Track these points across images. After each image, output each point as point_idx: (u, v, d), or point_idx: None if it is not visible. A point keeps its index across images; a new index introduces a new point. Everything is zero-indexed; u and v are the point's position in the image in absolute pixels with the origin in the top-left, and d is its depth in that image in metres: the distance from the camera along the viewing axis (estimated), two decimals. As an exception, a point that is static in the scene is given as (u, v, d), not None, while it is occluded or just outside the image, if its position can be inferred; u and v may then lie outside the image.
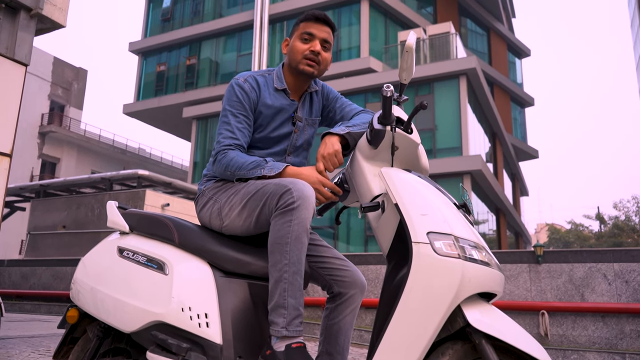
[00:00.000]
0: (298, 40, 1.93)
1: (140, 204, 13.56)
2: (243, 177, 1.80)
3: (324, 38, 1.93)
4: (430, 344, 1.42)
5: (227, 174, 1.82)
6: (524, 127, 27.15)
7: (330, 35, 1.95)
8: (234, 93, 1.89)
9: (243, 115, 1.87)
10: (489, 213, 19.03)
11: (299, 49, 1.92)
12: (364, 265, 8.31)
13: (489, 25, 24.75)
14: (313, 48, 1.90)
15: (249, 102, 1.88)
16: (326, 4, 18.81)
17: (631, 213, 31.62)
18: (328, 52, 1.95)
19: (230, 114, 1.87)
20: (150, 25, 23.73)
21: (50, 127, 27.85)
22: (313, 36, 1.92)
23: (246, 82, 1.91)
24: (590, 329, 6.81)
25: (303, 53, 1.91)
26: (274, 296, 1.62)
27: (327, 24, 1.94)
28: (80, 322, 1.94)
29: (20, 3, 5.85)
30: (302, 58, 1.91)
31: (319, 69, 1.93)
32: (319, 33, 1.92)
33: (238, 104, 1.87)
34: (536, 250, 7.35)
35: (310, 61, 1.90)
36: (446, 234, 1.47)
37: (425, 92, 16.00)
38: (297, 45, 1.93)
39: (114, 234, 1.97)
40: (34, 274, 11.91)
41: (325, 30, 1.93)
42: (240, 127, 1.86)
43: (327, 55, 1.95)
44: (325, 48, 1.94)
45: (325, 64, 1.96)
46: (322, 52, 1.92)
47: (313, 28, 1.92)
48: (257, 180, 1.80)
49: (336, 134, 1.80)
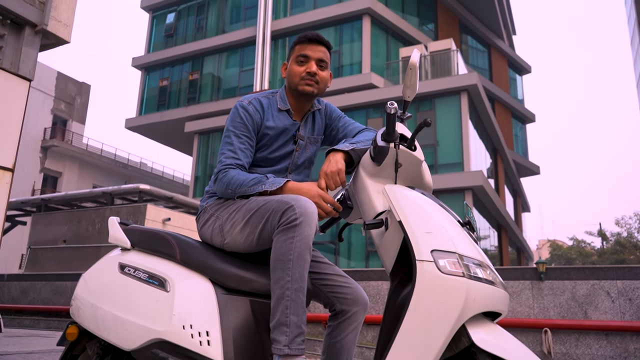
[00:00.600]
0: (294, 63, 1.97)
1: (142, 218, 13.54)
2: (244, 193, 1.80)
3: (319, 58, 1.96)
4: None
5: (229, 192, 1.83)
6: (525, 143, 27.20)
7: (326, 54, 1.98)
8: (237, 115, 1.91)
9: (246, 137, 1.89)
10: (490, 229, 18.98)
11: (296, 72, 1.95)
12: (365, 281, 8.27)
13: (490, 42, 24.94)
14: (309, 69, 1.93)
15: (252, 124, 1.90)
16: (328, 21, 18.99)
17: (633, 230, 31.52)
18: (325, 70, 1.98)
19: (233, 134, 1.89)
20: (154, 41, 23.94)
21: (53, 141, 27.95)
22: (308, 58, 1.95)
23: (250, 104, 1.93)
24: (594, 347, 6.74)
25: (300, 75, 1.94)
26: (276, 314, 1.61)
27: (321, 43, 1.97)
28: (80, 340, 1.92)
29: (26, 19, 5.91)
30: (299, 80, 1.94)
31: (319, 87, 1.96)
32: (313, 54, 1.95)
33: (241, 125, 1.89)
34: (539, 267, 7.30)
35: (308, 81, 1.93)
36: (450, 252, 1.46)
37: (426, 108, 16.06)
38: (294, 69, 1.96)
39: (116, 250, 1.96)
40: (33, 288, 11.85)
41: (320, 50, 1.96)
42: (242, 147, 1.87)
43: (324, 74, 1.97)
44: (321, 67, 1.97)
45: (324, 82, 1.98)
46: (319, 71, 1.95)
47: (307, 50, 1.95)
48: (258, 197, 1.80)
49: (341, 151, 1.81)
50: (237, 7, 22.03)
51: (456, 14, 22.79)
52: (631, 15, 24.97)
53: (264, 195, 1.78)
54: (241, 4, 21.82)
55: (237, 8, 22.03)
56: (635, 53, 24.72)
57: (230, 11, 22.23)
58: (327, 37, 20.55)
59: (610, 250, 33.06)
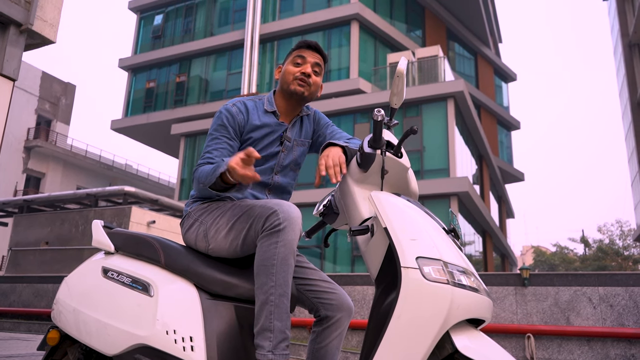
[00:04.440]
0: (290, 64, 1.99)
1: (126, 220, 13.41)
2: (211, 183, 1.72)
3: (315, 62, 1.99)
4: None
5: (201, 186, 1.80)
6: (510, 150, 27.48)
7: (322, 62, 2.02)
8: (219, 117, 1.92)
9: (225, 137, 1.89)
10: (475, 234, 19.11)
11: (291, 71, 1.97)
12: (351, 285, 8.27)
13: (477, 50, 25.19)
14: (304, 70, 1.96)
15: (234, 124, 1.90)
16: (316, 26, 19.04)
17: (615, 237, 31.95)
18: (319, 76, 2.01)
19: (211, 137, 1.90)
20: (141, 42, 23.78)
21: (36, 141, 27.59)
22: (305, 60, 1.98)
23: (234, 106, 1.94)
24: (575, 353, 6.81)
25: (294, 75, 1.96)
26: (260, 319, 1.61)
27: (319, 52, 2.01)
28: (61, 344, 1.89)
29: (11, 18, 5.84)
30: (292, 79, 1.96)
31: (310, 90, 1.97)
32: (310, 58, 1.99)
33: (221, 127, 1.90)
34: (522, 272, 7.36)
35: (300, 81, 1.95)
36: (435, 259, 1.47)
37: (413, 114, 16.15)
38: (289, 69, 1.98)
39: (99, 254, 1.94)
40: (14, 291, 11.66)
41: (317, 56, 2.00)
42: (218, 147, 1.87)
43: (317, 79, 2.00)
44: (316, 72, 1.99)
45: (316, 87, 2.00)
46: (313, 75, 1.98)
47: (305, 53, 1.99)
48: (242, 202, 1.80)
49: (337, 145, 1.79)
50: (225, 10, 21.99)
51: (443, 21, 22.99)
52: (614, 24, 25.42)
53: (228, 183, 1.70)
54: (230, 7, 21.79)
55: (225, 11, 21.98)
56: (618, 62, 25.15)
57: (218, 14, 22.19)
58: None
59: (592, 256, 33.48)
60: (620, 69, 24.45)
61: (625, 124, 24.63)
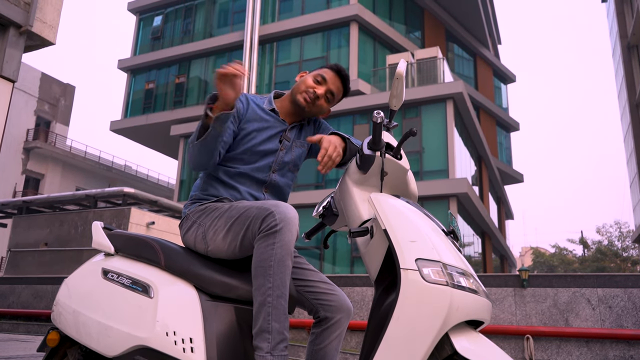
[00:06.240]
0: (311, 77, 2.02)
1: (125, 221, 13.40)
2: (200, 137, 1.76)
3: (331, 90, 2.01)
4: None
5: (190, 147, 1.81)
6: (509, 151, 27.49)
7: (340, 92, 2.04)
8: None
9: None
10: (474, 236, 19.12)
11: (307, 83, 2.00)
12: (350, 287, 8.27)
13: (475, 51, 25.21)
14: (317, 90, 1.98)
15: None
16: (316, 27, 19.05)
17: (614, 238, 32.02)
18: (329, 103, 2.03)
19: None
20: (140, 43, 23.78)
21: (36, 142, 27.56)
22: (325, 81, 2.00)
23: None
24: (574, 354, 6.81)
25: (307, 88, 1.98)
26: (258, 320, 1.61)
27: (344, 82, 2.03)
28: (61, 346, 1.89)
29: (10, 20, 5.84)
30: (303, 90, 1.98)
31: (311, 108, 1.99)
32: (331, 84, 2.00)
33: None
34: (521, 274, 7.37)
35: (307, 96, 1.97)
36: (435, 261, 1.48)
37: (412, 115, 16.16)
38: (307, 80, 2.01)
39: (99, 255, 1.94)
40: (13, 292, 11.65)
41: (338, 85, 2.02)
42: None
43: (324, 104, 2.02)
44: (327, 99, 2.02)
45: (319, 110, 2.02)
46: (323, 100, 2.00)
47: (329, 75, 2.01)
48: (239, 203, 1.81)
49: (339, 135, 1.83)
50: (225, 12, 22.00)
51: (442, 23, 23.02)
52: (613, 26, 25.46)
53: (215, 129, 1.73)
54: (229, 8, 21.80)
55: (224, 12, 21.99)
56: (617, 64, 25.19)
57: (218, 15, 22.19)
58: (315, 43, 20.48)
59: (591, 258, 33.53)
60: (619, 70, 24.48)
61: (624, 126, 24.66)
